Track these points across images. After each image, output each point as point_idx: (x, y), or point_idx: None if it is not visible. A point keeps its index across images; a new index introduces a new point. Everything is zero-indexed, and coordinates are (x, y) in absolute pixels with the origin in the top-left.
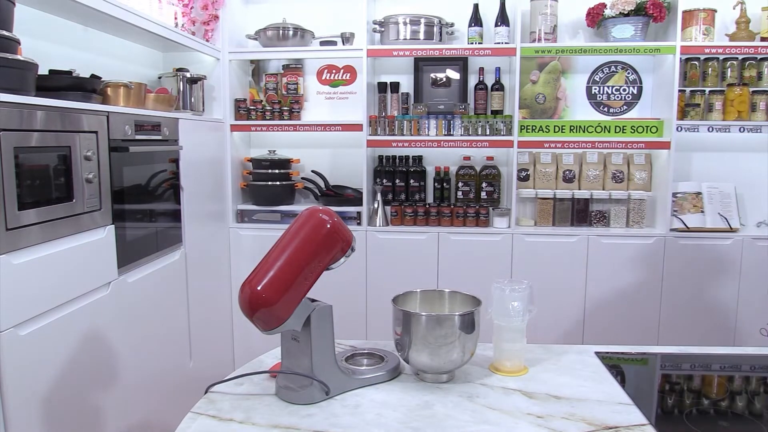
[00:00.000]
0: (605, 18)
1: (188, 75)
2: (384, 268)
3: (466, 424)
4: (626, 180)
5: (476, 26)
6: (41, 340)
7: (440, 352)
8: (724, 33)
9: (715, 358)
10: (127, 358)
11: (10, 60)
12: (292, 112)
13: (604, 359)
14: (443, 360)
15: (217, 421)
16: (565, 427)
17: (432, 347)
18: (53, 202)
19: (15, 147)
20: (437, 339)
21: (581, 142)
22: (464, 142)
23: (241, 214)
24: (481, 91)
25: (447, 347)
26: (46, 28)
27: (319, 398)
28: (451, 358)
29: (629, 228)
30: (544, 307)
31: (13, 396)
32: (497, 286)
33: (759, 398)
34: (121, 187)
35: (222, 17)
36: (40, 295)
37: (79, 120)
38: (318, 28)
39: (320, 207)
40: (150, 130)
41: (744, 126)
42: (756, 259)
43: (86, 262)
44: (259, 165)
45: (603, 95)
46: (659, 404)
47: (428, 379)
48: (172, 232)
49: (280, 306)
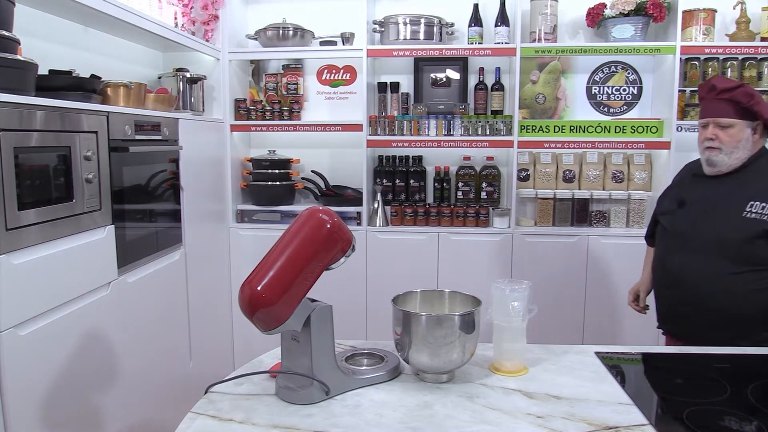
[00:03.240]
0: (605, 18)
1: (188, 75)
2: (384, 268)
3: (466, 424)
4: (626, 180)
5: (476, 26)
6: (41, 340)
7: (440, 353)
8: (724, 33)
9: (715, 358)
10: (127, 358)
11: (10, 60)
12: (292, 112)
13: (604, 359)
14: (443, 360)
15: (217, 421)
16: (566, 427)
17: (432, 347)
18: (53, 202)
19: (15, 147)
20: (437, 339)
21: (581, 142)
22: (464, 142)
23: (241, 214)
24: (481, 91)
25: (447, 347)
26: (46, 28)
27: (319, 398)
28: (451, 359)
29: (629, 228)
30: (544, 307)
31: (13, 396)
32: (497, 286)
33: (759, 398)
34: (121, 187)
35: (222, 17)
36: (40, 295)
37: (79, 120)
38: (318, 28)
39: (320, 207)
40: (150, 130)
41: None
42: None
43: (86, 262)
44: (259, 165)
45: (603, 95)
46: (659, 404)
47: (428, 379)
48: (172, 232)
49: (280, 306)
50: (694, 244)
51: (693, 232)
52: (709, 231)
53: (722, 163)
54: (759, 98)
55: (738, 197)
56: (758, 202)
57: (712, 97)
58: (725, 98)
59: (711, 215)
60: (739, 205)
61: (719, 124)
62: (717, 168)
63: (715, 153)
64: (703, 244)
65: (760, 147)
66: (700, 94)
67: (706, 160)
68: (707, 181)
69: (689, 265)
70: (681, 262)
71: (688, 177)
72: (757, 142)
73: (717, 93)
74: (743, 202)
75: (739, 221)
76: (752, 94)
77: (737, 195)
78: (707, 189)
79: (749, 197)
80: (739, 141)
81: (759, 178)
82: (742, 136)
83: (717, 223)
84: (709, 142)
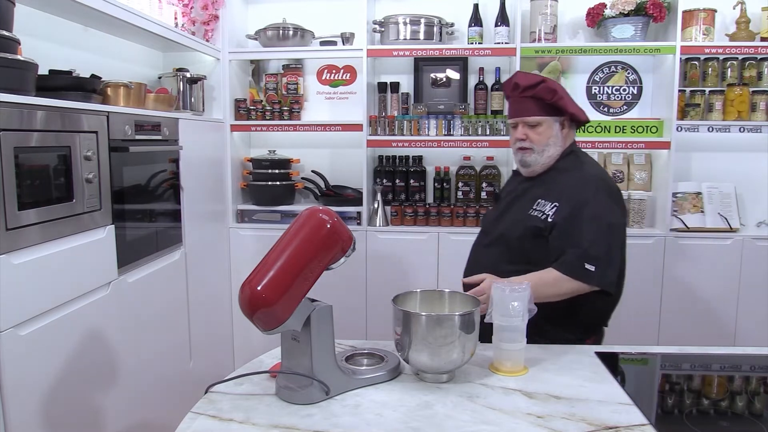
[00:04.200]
0: (605, 18)
1: (188, 75)
2: (384, 268)
3: (466, 424)
4: (626, 180)
5: (476, 26)
6: (41, 340)
7: (440, 352)
8: (724, 33)
9: (715, 359)
10: (127, 358)
11: (10, 60)
12: (292, 112)
13: (604, 359)
14: (443, 360)
15: (217, 421)
16: (566, 427)
17: (432, 347)
18: (53, 202)
19: (15, 147)
20: (437, 339)
21: (581, 142)
22: (464, 142)
23: (241, 214)
24: (481, 91)
25: (447, 347)
26: (47, 28)
27: (319, 398)
28: (451, 358)
29: (629, 228)
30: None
31: (13, 396)
32: (497, 286)
33: (759, 398)
34: (121, 187)
35: (222, 17)
36: (40, 295)
37: (79, 120)
38: (318, 28)
39: (320, 207)
40: (150, 130)
41: (744, 126)
42: (756, 260)
43: (86, 262)
44: (259, 165)
45: (603, 95)
46: (659, 404)
47: (428, 379)
48: (172, 232)
49: (280, 306)
50: (487, 240)
51: (490, 227)
52: (500, 227)
53: (536, 163)
54: (562, 92)
55: (530, 195)
56: (543, 201)
57: (516, 96)
58: (529, 96)
59: (505, 213)
60: (528, 203)
61: (528, 123)
62: (531, 168)
63: (528, 153)
64: (493, 240)
65: (571, 140)
66: (505, 92)
67: (519, 161)
68: (519, 178)
69: (479, 261)
70: (474, 257)
71: (513, 174)
72: (567, 136)
73: (521, 91)
74: (532, 200)
75: (522, 219)
76: (554, 90)
77: (530, 193)
78: (514, 186)
79: (538, 196)
80: (549, 138)
81: (556, 177)
82: (552, 133)
83: (506, 220)
84: (521, 142)
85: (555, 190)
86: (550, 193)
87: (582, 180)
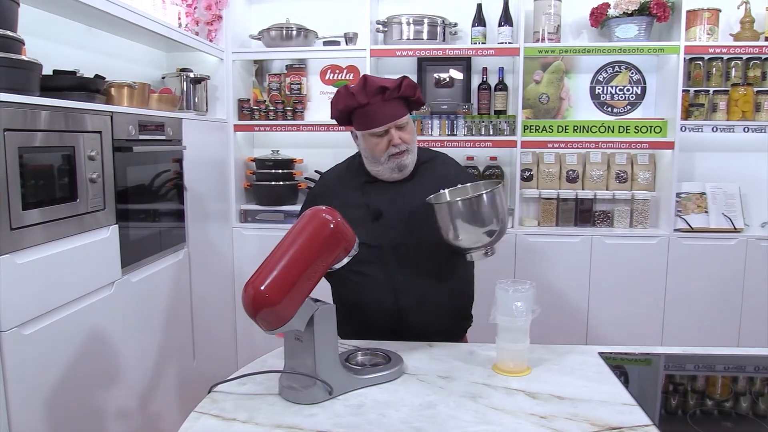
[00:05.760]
0: (609, 18)
1: (192, 75)
2: None
3: (468, 424)
4: (630, 180)
5: (479, 26)
6: (45, 340)
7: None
8: (728, 33)
9: (718, 359)
10: (131, 357)
11: (15, 60)
12: (295, 112)
13: (608, 360)
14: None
15: (220, 421)
16: (569, 427)
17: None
18: (57, 201)
19: (19, 147)
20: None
21: (585, 142)
22: (467, 142)
23: (244, 213)
24: (485, 91)
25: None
26: (51, 28)
27: (322, 398)
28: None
29: (633, 228)
30: (547, 307)
31: (16, 395)
32: (500, 286)
33: (763, 399)
34: (124, 187)
35: (225, 17)
36: (43, 294)
37: (83, 120)
38: (321, 28)
39: (323, 207)
40: (154, 130)
41: (748, 126)
42: (760, 260)
43: (90, 262)
44: (263, 165)
45: (606, 95)
46: (663, 405)
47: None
48: (176, 232)
49: (283, 306)
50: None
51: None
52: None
53: (411, 162)
54: (416, 84)
55: (420, 195)
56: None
57: (380, 101)
58: (396, 97)
59: (411, 222)
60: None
61: (398, 126)
62: (407, 169)
63: (405, 156)
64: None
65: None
66: (362, 100)
67: (396, 167)
68: (388, 187)
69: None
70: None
71: (354, 187)
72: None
73: (388, 94)
74: (434, 191)
75: None
76: (415, 84)
77: (419, 193)
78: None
79: (439, 186)
80: (413, 133)
81: (435, 168)
82: (413, 128)
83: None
84: (398, 147)
85: (434, 178)
86: (440, 184)
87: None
